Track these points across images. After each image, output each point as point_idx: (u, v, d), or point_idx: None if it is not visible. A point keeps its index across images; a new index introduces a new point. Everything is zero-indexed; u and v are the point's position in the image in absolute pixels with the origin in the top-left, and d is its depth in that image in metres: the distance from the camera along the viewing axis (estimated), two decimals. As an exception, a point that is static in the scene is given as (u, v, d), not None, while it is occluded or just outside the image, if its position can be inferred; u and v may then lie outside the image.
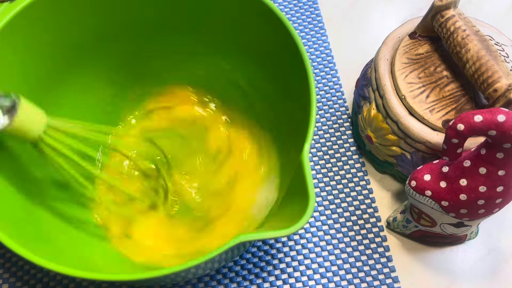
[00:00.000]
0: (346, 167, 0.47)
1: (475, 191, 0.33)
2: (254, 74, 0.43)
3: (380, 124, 0.41)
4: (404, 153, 0.40)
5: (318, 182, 0.46)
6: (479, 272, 0.42)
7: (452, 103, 0.38)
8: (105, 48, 0.43)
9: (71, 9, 0.39)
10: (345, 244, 0.43)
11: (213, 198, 0.43)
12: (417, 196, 0.36)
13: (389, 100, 0.39)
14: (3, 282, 0.41)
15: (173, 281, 0.39)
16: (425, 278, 0.42)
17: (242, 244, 0.28)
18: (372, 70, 0.42)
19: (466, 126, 0.31)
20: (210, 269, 0.37)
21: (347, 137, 0.48)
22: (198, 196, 0.44)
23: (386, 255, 0.43)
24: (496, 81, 0.34)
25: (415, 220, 0.40)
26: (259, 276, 0.42)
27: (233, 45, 0.42)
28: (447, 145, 0.33)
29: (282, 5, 0.57)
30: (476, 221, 0.37)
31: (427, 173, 0.35)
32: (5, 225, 0.30)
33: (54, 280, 0.42)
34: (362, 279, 0.42)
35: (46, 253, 0.31)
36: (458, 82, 0.39)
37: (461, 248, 0.43)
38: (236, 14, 0.39)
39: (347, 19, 0.56)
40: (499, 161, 0.31)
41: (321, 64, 0.53)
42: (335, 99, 0.51)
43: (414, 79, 0.39)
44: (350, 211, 0.45)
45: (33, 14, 0.36)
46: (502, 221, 0.44)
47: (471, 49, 0.36)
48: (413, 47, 0.41)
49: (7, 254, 0.42)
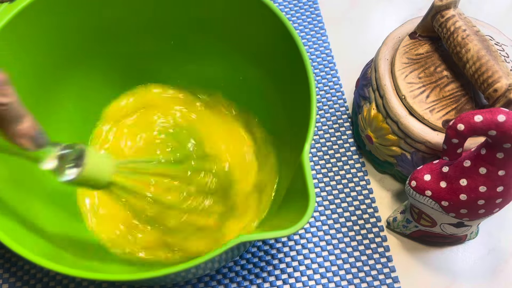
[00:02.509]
0: (346, 167, 0.47)
1: (475, 191, 0.33)
2: (254, 74, 0.43)
3: (380, 124, 0.41)
4: (404, 153, 0.40)
5: (318, 182, 0.46)
6: (479, 272, 0.42)
7: (452, 103, 0.38)
8: (105, 48, 0.43)
9: (71, 9, 0.39)
10: (345, 244, 0.43)
11: (211, 197, 0.44)
12: (417, 196, 0.36)
13: (389, 100, 0.39)
14: (3, 282, 0.41)
15: (173, 281, 0.39)
16: (425, 278, 0.42)
17: (242, 244, 0.28)
18: (372, 70, 0.42)
19: (466, 126, 0.31)
20: (210, 269, 0.37)
21: (347, 137, 0.48)
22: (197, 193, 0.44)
23: (386, 255, 0.43)
24: (496, 81, 0.34)
25: (415, 220, 0.40)
26: (259, 276, 0.42)
27: (232, 45, 0.42)
28: (447, 145, 0.33)
29: (282, 5, 0.57)
30: (476, 221, 0.37)
31: (427, 173, 0.35)
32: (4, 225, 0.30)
33: (54, 280, 0.42)
34: (362, 279, 0.42)
35: (45, 253, 0.31)
36: (458, 82, 0.39)
37: (461, 248, 0.43)
38: (236, 15, 0.39)
39: (347, 19, 0.56)
40: (499, 161, 0.31)
41: (321, 64, 0.53)
42: (335, 99, 0.51)
43: (414, 79, 0.39)
44: (350, 211, 0.45)
45: (32, 14, 0.36)
46: (502, 221, 0.44)
47: (471, 49, 0.36)
48: (413, 47, 0.41)
49: (6, 254, 0.42)
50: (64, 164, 0.31)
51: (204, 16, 0.41)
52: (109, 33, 0.42)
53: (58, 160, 0.31)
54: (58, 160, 0.31)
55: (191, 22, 0.42)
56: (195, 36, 0.43)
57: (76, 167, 0.31)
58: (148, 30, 0.43)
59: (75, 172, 0.31)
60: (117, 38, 0.43)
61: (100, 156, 0.33)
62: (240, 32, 0.41)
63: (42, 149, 0.30)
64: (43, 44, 0.39)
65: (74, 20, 0.39)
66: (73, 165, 0.31)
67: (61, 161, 0.31)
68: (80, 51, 0.42)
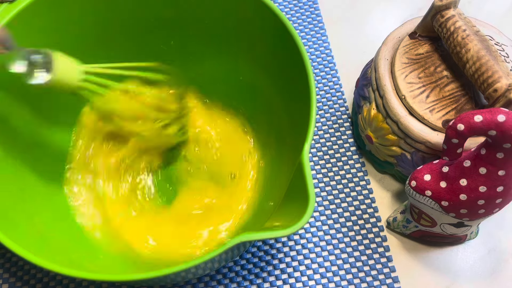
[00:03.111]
0: (346, 167, 0.47)
1: (475, 191, 0.33)
2: (254, 74, 0.43)
3: (380, 124, 0.41)
4: (404, 153, 0.40)
5: (318, 182, 0.46)
6: (479, 272, 0.42)
7: (452, 103, 0.38)
8: (105, 48, 0.43)
9: (70, 11, 0.39)
10: (345, 244, 0.43)
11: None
12: (417, 196, 0.36)
13: (389, 100, 0.39)
14: (3, 282, 0.41)
15: (173, 281, 0.39)
16: (425, 278, 0.42)
17: (242, 244, 0.28)
18: (372, 70, 0.42)
19: (466, 126, 0.31)
20: (210, 269, 0.37)
21: (347, 137, 0.48)
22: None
23: (386, 255, 0.43)
24: (496, 81, 0.34)
25: (415, 220, 0.40)
26: (259, 276, 0.42)
27: (233, 45, 0.42)
28: (447, 145, 0.33)
29: (282, 5, 0.57)
30: (476, 221, 0.37)
31: (427, 173, 0.35)
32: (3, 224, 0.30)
33: (54, 280, 0.42)
34: (362, 279, 0.42)
35: (45, 252, 0.31)
36: (458, 82, 0.39)
37: (461, 248, 0.43)
38: (236, 15, 0.39)
39: (347, 19, 0.56)
40: (499, 161, 0.31)
41: (321, 64, 0.53)
42: (335, 99, 0.51)
43: (414, 79, 0.39)
44: (350, 211, 0.45)
45: (32, 15, 0.36)
46: (502, 221, 0.44)
47: (471, 49, 0.36)
48: (413, 47, 0.41)
49: (7, 254, 0.42)
50: (33, 68, 0.32)
51: (204, 16, 0.41)
52: (109, 33, 0.42)
53: (28, 65, 0.32)
54: (27, 65, 0.32)
55: (191, 22, 0.42)
56: (195, 36, 0.43)
57: (46, 72, 0.33)
58: (148, 30, 0.43)
59: (44, 76, 0.33)
60: (117, 38, 0.43)
61: (68, 60, 0.34)
62: (240, 32, 0.41)
63: (9, 51, 0.31)
64: (42, 45, 0.39)
65: (74, 20, 0.39)
66: (42, 70, 0.33)
67: (31, 66, 0.32)
68: (80, 51, 0.42)
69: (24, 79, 0.32)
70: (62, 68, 0.33)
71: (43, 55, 0.33)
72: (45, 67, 0.33)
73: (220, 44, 0.43)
